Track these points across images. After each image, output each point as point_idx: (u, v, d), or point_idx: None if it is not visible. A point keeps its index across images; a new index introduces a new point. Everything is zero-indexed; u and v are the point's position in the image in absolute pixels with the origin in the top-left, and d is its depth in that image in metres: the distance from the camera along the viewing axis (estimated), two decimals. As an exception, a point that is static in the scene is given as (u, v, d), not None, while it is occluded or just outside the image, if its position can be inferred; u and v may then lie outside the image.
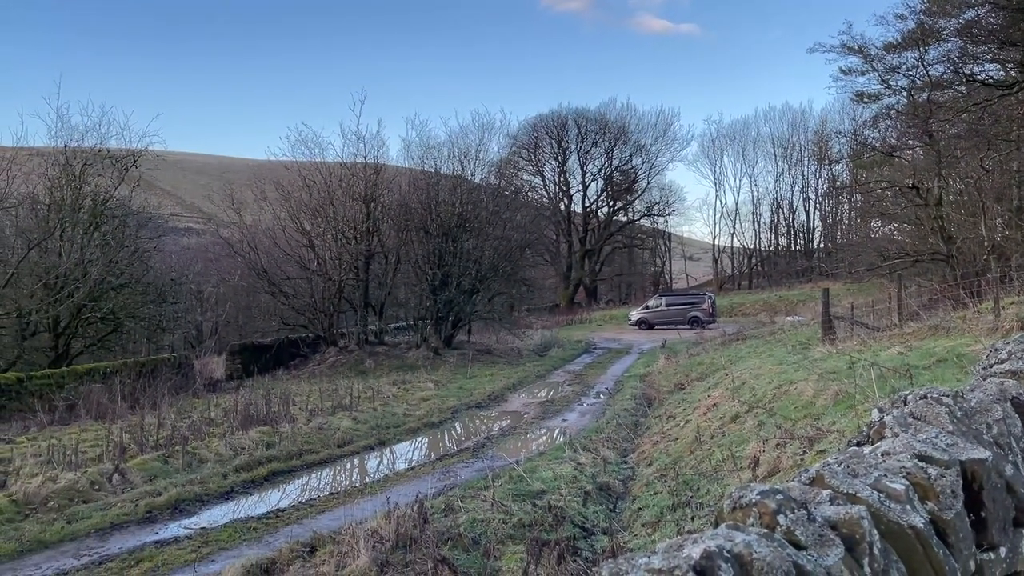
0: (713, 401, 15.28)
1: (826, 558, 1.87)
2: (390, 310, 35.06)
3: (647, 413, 18.84)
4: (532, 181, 66.82)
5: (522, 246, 39.24)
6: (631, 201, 69.34)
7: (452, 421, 19.51)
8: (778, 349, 22.37)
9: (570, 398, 22.29)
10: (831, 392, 10.63)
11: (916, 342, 14.05)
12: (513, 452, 15.01)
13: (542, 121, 67.21)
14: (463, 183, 34.59)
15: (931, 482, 2.15)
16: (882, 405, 2.76)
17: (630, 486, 11.90)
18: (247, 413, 17.33)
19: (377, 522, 8.87)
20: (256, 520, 10.92)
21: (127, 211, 29.97)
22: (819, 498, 2.07)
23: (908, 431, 2.46)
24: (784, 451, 8.81)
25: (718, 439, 11.81)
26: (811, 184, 68.69)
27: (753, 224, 70.00)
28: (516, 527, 9.04)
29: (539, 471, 12.22)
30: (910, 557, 2.00)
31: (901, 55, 32.60)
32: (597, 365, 30.28)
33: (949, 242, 26.40)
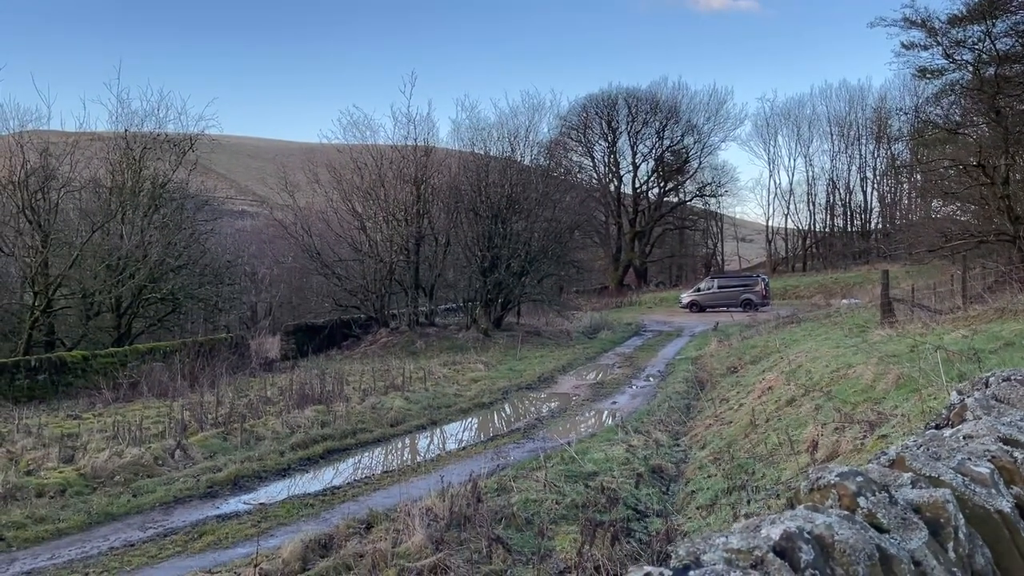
0: (768, 384, 15.05)
1: (910, 541, 1.81)
2: (440, 292, 35.28)
3: (699, 396, 18.65)
4: (581, 162, 66.39)
5: (571, 228, 39.09)
6: (682, 182, 68.40)
7: (502, 402, 19.60)
8: (835, 332, 21.92)
9: (620, 380, 22.19)
10: (892, 376, 10.37)
11: (982, 325, 13.62)
12: (563, 433, 14.99)
13: (592, 101, 66.60)
14: (512, 165, 34.52)
15: (1017, 466, 2.08)
16: (961, 387, 2.67)
17: (683, 469, 11.81)
18: (302, 392, 17.65)
19: (431, 500, 8.97)
20: (312, 497, 11.14)
21: (184, 194, 30.70)
22: (900, 481, 2.02)
23: (991, 413, 2.38)
24: (843, 435, 8.63)
25: (773, 423, 11.63)
26: (869, 163, 66.88)
27: (808, 205, 68.48)
28: (569, 508, 9.05)
29: (590, 452, 12.20)
30: (996, 542, 1.94)
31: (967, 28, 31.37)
32: (647, 348, 30.07)
33: (1016, 222, 25.46)
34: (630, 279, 65.37)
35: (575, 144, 65.99)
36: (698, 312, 43.83)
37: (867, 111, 65.61)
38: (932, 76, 35.80)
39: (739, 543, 1.74)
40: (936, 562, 1.80)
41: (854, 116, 66.25)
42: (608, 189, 67.31)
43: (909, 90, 54.84)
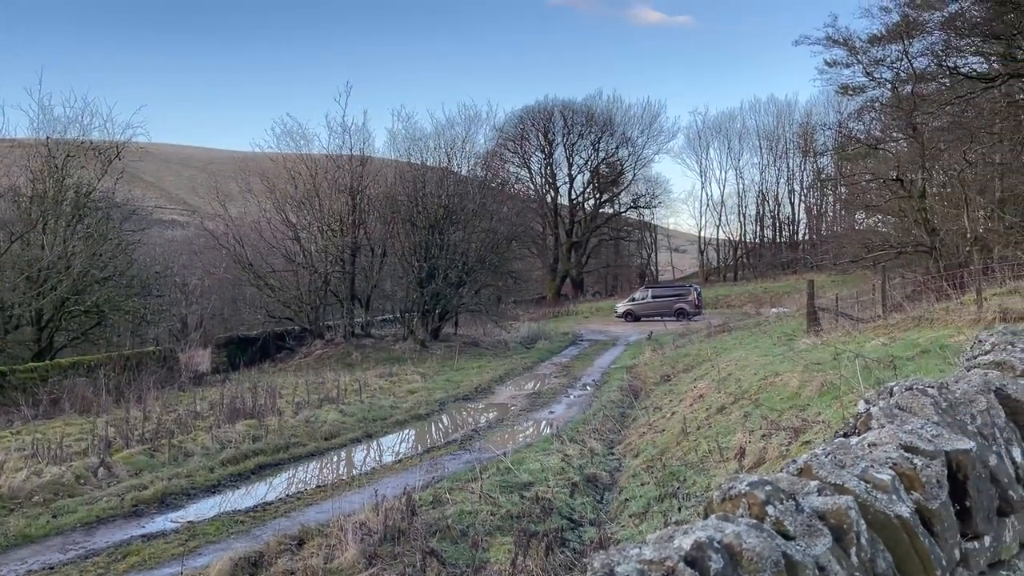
0: (699, 392, 15.36)
1: (814, 548, 1.89)
2: (376, 302, 35.00)
3: (634, 404, 18.91)
4: (519, 173, 66.78)
5: (509, 238, 39.26)
6: (617, 193, 69.40)
7: (439, 413, 19.53)
8: (764, 340, 22.51)
9: (557, 390, 22.35)
10: (816, 383, 10.70)
11: (900, 333, 14.17)
12: (500, 444, 15.03)
13: (529, 113, 67.14)
14: (450, 175, 34.54)
15: (917, 472, 2.18)
16: (868, 396, 2.79)
17: (617, 477, 11.95)
18: (233, 406, 17.27)
19: (365, 515, 8.88)
20: (243, 513, 10.90)
21: (111, 203, 29.77)
22: (807, 489, 2.10)
23: (894, 422, 2.49)
24: (770, 442, 8.87)
25: (704, 430, 11.87)
26: (796, 176, 69.03)
27: (739, 216, 70.27)
28: (504, 519, 9.07)
29: (527, 463, 12.25)
30: (896, 546, 2.03)
31: (886, 48, 32.77)
32: (584, 357, 30.36)
33: (933, 234, 26.61)
34: (567, 289, 65.92)
35: (512, 155, 66.40)
36: (633, 321, 44.44)
37: (794, 126, 67.77)
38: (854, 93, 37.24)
39: (652, 554, 1.79)
40: (839, 567, 1.88)
41: (782, 130, 68.36)
42: (545, 200, 67.84)
43: (833, 106, 56.85)
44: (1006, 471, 2.47)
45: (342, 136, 34.31)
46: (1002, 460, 2.49)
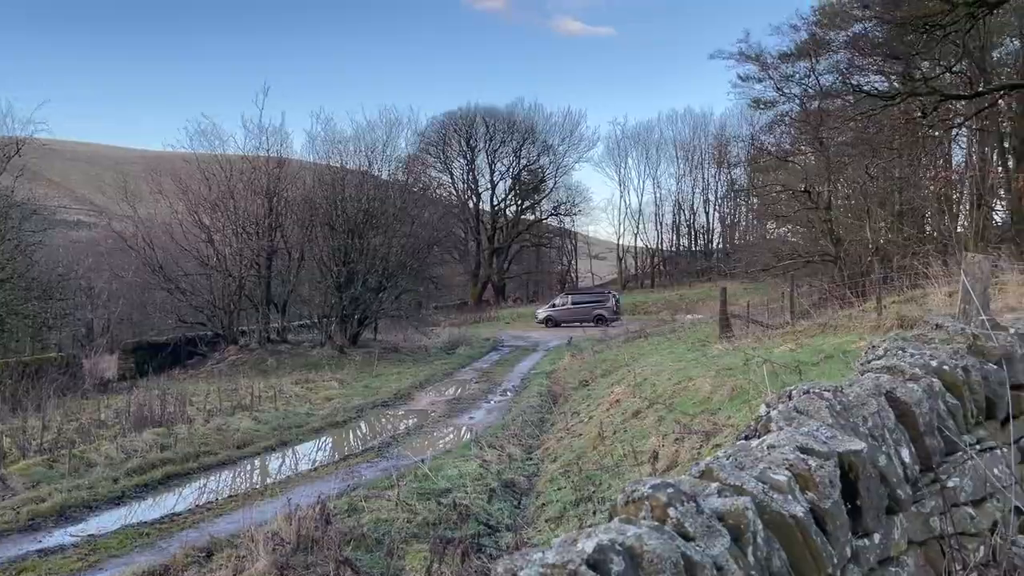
0: (616, 397, 15.59)
1: (713, 548, 1.94)
2: (293, 307, 34.31)
3: (553, 409, 19.07)
4: (440, 178, 66.68)
5: (430, 243, 39.07)
6: (539, 200, 70.04)
7: (357, 420, 19.26)
8: (678, 346, 23.03)
9: (477, 395, 22.35)
10: (727, 388, 11.01)
11: (806, 339, 14.71)
12: (419, 451, 14.92)
13: (451, 119, 67.15)
14: (370, 179, 34.17)
15: (811, 473, 2.26)
16: (769, 400, 2.88)
17: (535, 482, 12.01)
18: (140, 414, 16.64)
19: (278, 524, 8.67)
20: (149, 525, 10.49)
21: (9, 202, 28.29)
22: (708, 491, 2.15)
23: (792, 424, 2.57)
24: (682, 445, 9.07)
25: (620, 434, 12.06)
26: (711, 186, 71.02)
27: (656, 225, 71.83)
28: (420, 526, 9.00)
29: (445, 469, 12.20)
30: (791, 545, 2.10)
31: (795, 64, 34.13)
32: (504, 363, 30.44)
33: (837, 244, 27.76)
34: (489, 295, 66.06)
35: (434, 160, 66.23)
36: (553, 327, 44.84)
37: (709, 137, 69.75)
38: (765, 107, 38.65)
39: (555, 558, 1.80)
40: (736, 566, 1.93)
41: (698, 142, 70.25)
42: (467, 205, 67.93)
43: (746, 119, 58.75)
44: (895, 471, 2.59)
45: (259, 137, 33.58)
46: (891, 460, 2.61)
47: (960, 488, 2.85)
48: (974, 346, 3.35)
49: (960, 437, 2.96)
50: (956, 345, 3.36)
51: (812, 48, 31.37)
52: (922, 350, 3.27)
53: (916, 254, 22.21)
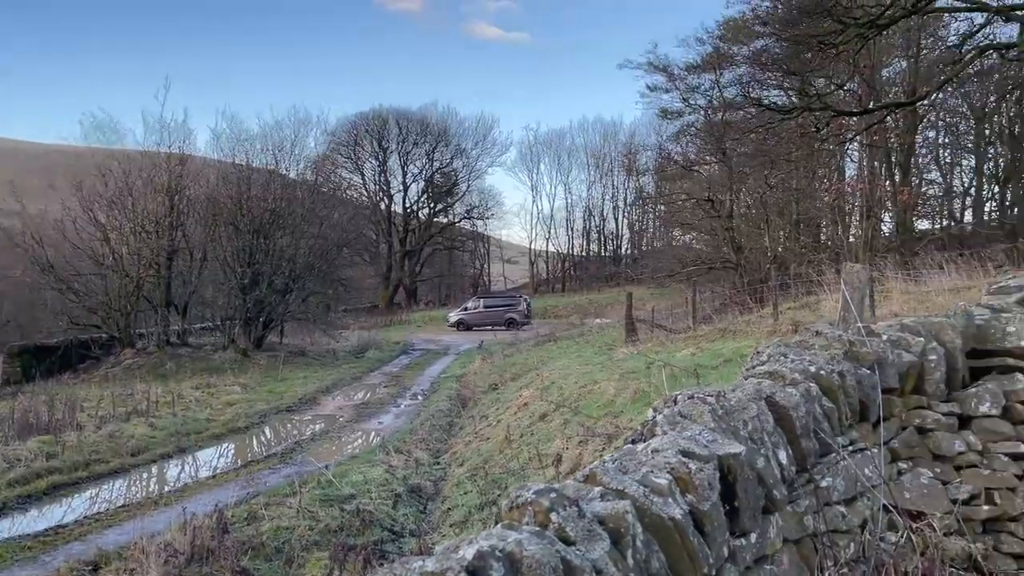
0: (524, 401, 15.70)
1: (592, 552, 1.98)
2: (195, 309, 33.14)
3: (462, 413, 19.05)
4: (351, 179, 65.64)
5: (340, 245, 38.44)
6: (451, 203, 69.90)
7: (260, 426, 18.77)
8: (586, 350, 23.37)
9: (386, 400, 22.11)
10: (630, 391, 11.25)
11: (707, 344, 15.17)
12: (325, 456, 14.65)
13: (363, 119, 66.26)
14: (277, 178, 33.37)
15: (691, 476, 2.33)
16: (656, 405, 2.96)
17: (441, 487, 11.98)
18: (25, 421, 15.76)
19: (171, 534, 8.38)
20: (32, 538, 9.95)
21: None
22: (591, 495, 2.19)
23: (676, 429, 2.65)
24: (586, 448, 9.21)
25: (527, 438, 12.15)
26: (620, 193, 72.33)
27: (567, 230, 72.68)
28: (322, 533, 8.84)
29: (350, 475, 12.04)
30: (669, 546, 2.16)
31: (700, 76, 35.24)
32: (415, 366, 30.23)
33: (739, 252, 28.77)
34: (400, 298, 65.47)
35: (345, 160, 65.18)
36: (465, 331, 44.82)
37: (619, 145, 71.05)
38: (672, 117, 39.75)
39: (434, 566, 1.80)
40: (615, 569, 1.98)
41: (607, 149, 71.47)
42: (379, 207, 67.12)
43: (654, 128, 59.99)
44: (772, 472, 2.70)
45: (160, 133, 32.30)
46: (769, 462, 2.72)
47: (833, 488, 3.00)
48: (850, 352, 3.53)
49: (834, 439, 3.11)
50: (834, 351, 3.53)
51: (716, 61, 32.46)
52: (802, 356, 3.43)
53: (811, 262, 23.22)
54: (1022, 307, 4.53)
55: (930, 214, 36.48)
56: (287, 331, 35.28)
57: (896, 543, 3.06)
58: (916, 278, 15.67)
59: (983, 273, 13.82)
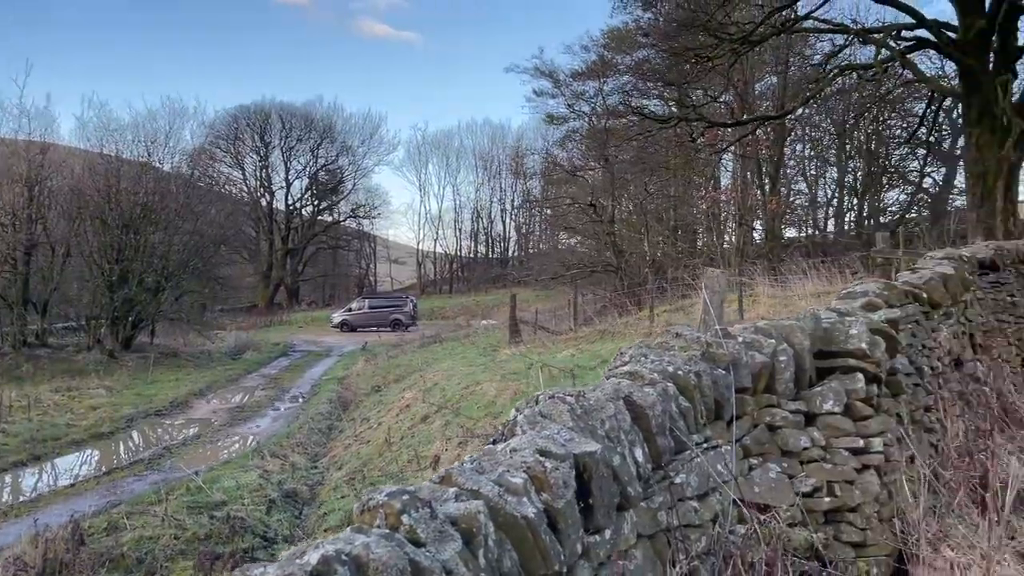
0: (406, 403, 15.60)
1: (443, 553, 1.97)
2: (57, 308, 31.09)
3: (342, 416, 18.73)
4: (230, 174, 63.35)
5: (217, 242, 37.02)
6: (337, 202, 68.52)
7: (127, 431, 17.85)
8: (471, 351, 23.44)
9: (263, 403, 21.47)
10: (510, 391, 11.36)
11: (587, 345, 15.51)
12: (196, 462, 14.07)
13: (244, 112, 63.92)
14: (150, 171, 31.79)
15: (547, 475, 2.37)
16: (519, 405, 2.99)
17: (319, 491, 11.75)
18: None
19: (22, 547, 7.83)
20: None
21: None
22: (446, 496, 2.19)
23: (535, 428, 2.69)
24: (465, 449, 9.24)
25: (407, 440, 12.07)
26: (508, 196, 73.00)
27: (455, 231, 72.71)
28: (189, 542, 8.49)
29: (221, 481, 11.63)
30: (522, 545, 2.19)
31: (585, 83, 36.06)
32: (295, 368, 29.49)
33: (620, 256, 29.58)
34: (281, 298, 63.66)
35: (224, 155, 62.80)
36: (349, 332, 44.05)
37: (507, 148, 71.67)
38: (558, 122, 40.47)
39: (276, 572, 1.76)
40: (466, 569, 1.98)
41: (496, 152, 71.97)
42: (259, 204, 65.01)
43: (541, 133, 60.85)
44: (628, 470, 2.78)
45: (19, 120, 30.18)
46: (625, 460, 2.80)
47: (687, 484, 3.12)
48: (707, 353, 3.68)
49: (689, 437, 3.24)
50: (692, 352, 3.67)
51: (601, 69, 33.30)
52: (662, 357, 3.55)
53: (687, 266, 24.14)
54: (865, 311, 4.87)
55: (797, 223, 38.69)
56: (159, 331, 33.63)
57: (744, 535, 3.21)
58: (783, 283, 16.55)
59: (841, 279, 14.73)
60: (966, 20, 17.03)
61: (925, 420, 5.29)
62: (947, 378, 5.95)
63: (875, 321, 4.48)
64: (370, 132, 68.38)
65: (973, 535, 3.77)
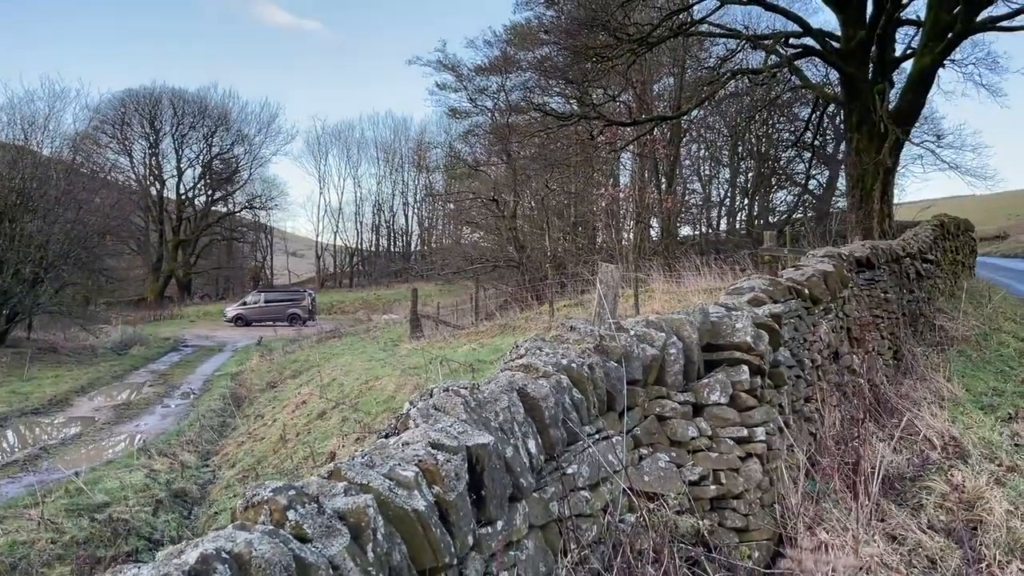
0: (303, 399, 15.27)
1: (330, 548, 1.94)
2: (-80, 300, 28.90)
3: (236, 413, 18.15)
4: (117, 161, 60.32)
5: (101, 232, 35.17)
6: (232, 192, 66.29)
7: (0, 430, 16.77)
8: (371, 346, 23.14)
9: (151, 400, 20.60)
10: (410, 386, 11.28)
11: (488, 339, 15.57)
12: (77, 462, 13.37)
13: (132, 96, 60.97)
14: (27, 155, 29.92)
15: (439, 467, 2.36)
16: (412, 398, 2.97)
17: (209, 490, 11.37)
18: None
19: None
20: None
21: None
22: (334, 490, 2.16)
23: (428, 421, 2.68)
24: (363, 445, 9.10)
25: (303, 436, 11.82)
26: (410, 189, 72.47)
27: (356, 224, 71.63)
28: (68, 546, 8.05)
29: (104, 481, 11.09)
30: (412, 538, 2.18)
31: (488, 78, 36.12)
32: (185, 364, 28.42)
33: (521, 251, 29.82)
34: (172, 291, 61.20)
35: (110, 140, 59.76)
36: (244, 326, 42.82)
37: (409, 141, 71.17)
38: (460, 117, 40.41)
39: (151, 571, 1.69)
40: (354, 564, 1.96)
41: (398, 144, 71.33)
42: (149, 192, 62.21)
43: (444, 127, 60.74)
44: (520, 461, 2.81)
45: None
46: (518, 451, 2.82)
47: (578, 474, 3.17)
48: (600, 346, 3.75)
49: (582, 428, 3.30)
50: (585, 345, 3.73)
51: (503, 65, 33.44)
52: (556, 349, 3.60)
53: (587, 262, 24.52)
54: (751, 306, 5.07)
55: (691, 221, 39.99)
56: (37, 325, 31.74)
57: (634, 523, 3.30)
58: (677, 279, 17.05)
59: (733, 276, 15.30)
60: (848, 31, 17.97)
61: (805, 410, 5.56)
62: (826, 370, 6.27)
63: (760, 316, 4.67)
64: (267, 121, 66.94)
65: (846, 518, 3.98)
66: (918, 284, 10.97)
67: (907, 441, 5.76)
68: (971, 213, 20.73)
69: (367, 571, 1.98)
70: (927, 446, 5.63)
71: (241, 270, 69.99)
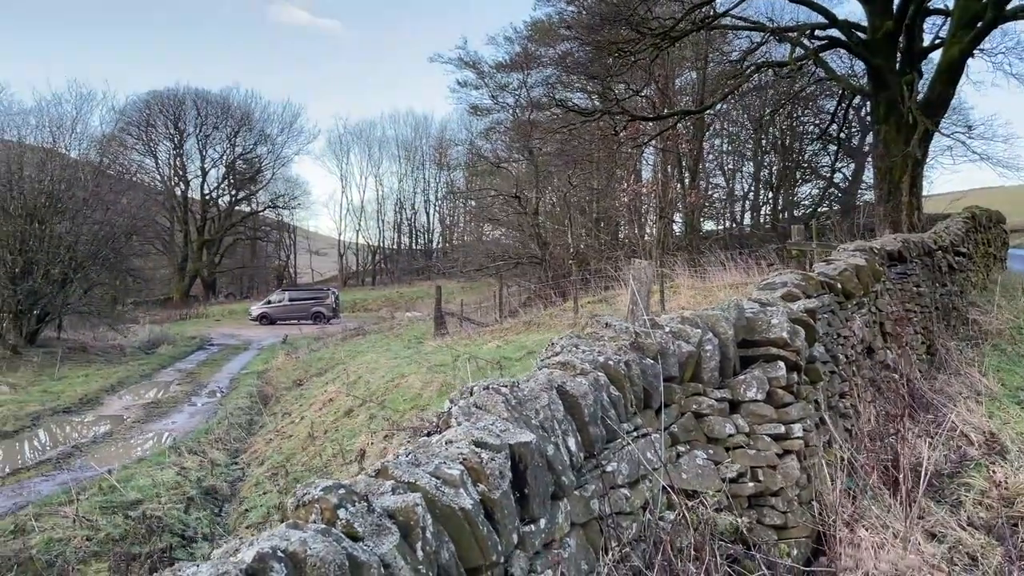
0: (329, 396, 15.36)
1: (381, 546, 1.95)
2: (-47, 301, 29.39)
3: (263, 411, 18.30)
4: (143, 162, 60.99)
5: (128, 232, 35.59)
6: (255, 191, 66.81)
7: (33, 429, 17.02)
8: (395, 344, 23.23)
9: (179, 398, 20.82)
10: (436, 384, 11.31)
11: (513, 336, 15.57)
12: (108, 460, 13.55)
13: (156, 98, 61.60)
14: (55, 158, 30.33)
15: (483, 466, 2.36)
16: (453, 396, 2.98)
17: (239, 488, 11.47)
18: None
19: (-82, 556, 7.40)
20: None
21: None
22: (382, 489, 2.16)
23: (470, 420, 2.68)
24: (391, 442, 9.16)
25: (331, 434, 11.89)
26: (432, 187, 72.60)
27: (377, 222, 71.91)
28: (103, 543, 8.16)
29: (136, 479, 11.21)
30: (460, 536, 2.18)
31: (509, 75, 36.09)
32: (212, 362, 28.69)
33: (544, 247, 29.79)
34: (197, 290, 61.81)
35: (135, 142, 60.43)
36: (269, 325, 43.14)
37: (430, 139, 71.26)
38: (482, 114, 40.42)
39: (210, 571, 1.70)
40: (404, 562, 1.97)
41: (419, 142, 71.46)
42: (174, 193, 62.85)
43: (465, 124, 60.68)
44: (561, 459, 2.81)
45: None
46: (559, 449, 2.82)
47: (618, 472, 3.16)
48: (636, 343, 3.74)
49: (620, 425, 3.29)
50: (621, 342, 3.72)
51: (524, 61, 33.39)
52: (592, 347, 3.59)
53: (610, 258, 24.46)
54: (785, 301, 5.03)
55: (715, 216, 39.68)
56: (67, 325, 32.18)
57: (673, 521, 3.28)
58: (702, 275, 16.96)
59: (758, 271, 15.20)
60: (875, 21, 17.74)
61: (840, 406, 5.51)
62: (860, 365, 6.21)
63: (795, 311, 4.63)
64: (289, 120, 67.02)
65: (886, 515, 3.94)
66: (950, 277, 10.83)
67: (943, 437, 5.69)
68: (1000, 204, 20.41)
69: (417, 569, 1.99)
70: (964, 442, 5.55)
71: (265, 269, 70.52)
